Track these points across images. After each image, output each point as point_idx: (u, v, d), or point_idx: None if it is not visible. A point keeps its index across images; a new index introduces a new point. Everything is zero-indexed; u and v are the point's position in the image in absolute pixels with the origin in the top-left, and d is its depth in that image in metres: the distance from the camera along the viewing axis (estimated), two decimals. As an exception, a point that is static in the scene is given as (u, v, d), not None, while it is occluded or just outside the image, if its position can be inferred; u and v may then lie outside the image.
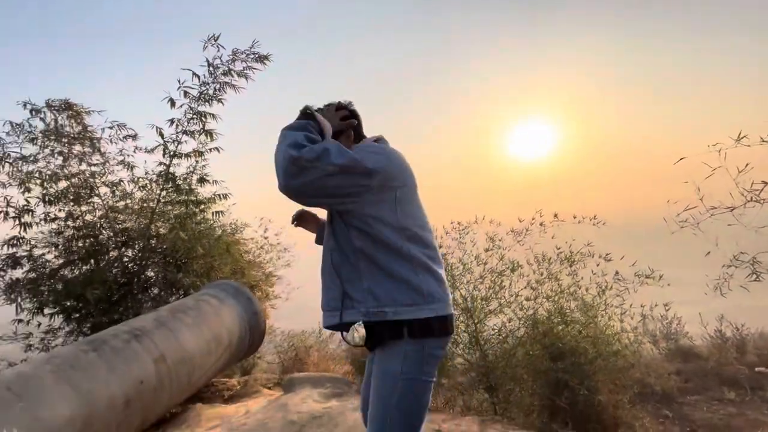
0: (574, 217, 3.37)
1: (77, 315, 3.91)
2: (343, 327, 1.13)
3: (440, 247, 3.68)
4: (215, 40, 3.91)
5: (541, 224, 3.44)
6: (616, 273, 3.07)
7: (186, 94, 3.92)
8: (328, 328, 1.17)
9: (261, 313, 3.44)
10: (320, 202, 1.12)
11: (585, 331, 2.99)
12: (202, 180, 4.23)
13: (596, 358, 2.75)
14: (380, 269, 1.09)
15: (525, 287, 3.33)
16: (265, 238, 5.65)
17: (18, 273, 3.88)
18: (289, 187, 1.02)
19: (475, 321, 3.33)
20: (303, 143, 1.04)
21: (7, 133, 3.95)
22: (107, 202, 4.30)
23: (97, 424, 2.07)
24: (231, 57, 3.95)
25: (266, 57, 4.11)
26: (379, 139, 1.28)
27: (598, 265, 3.17)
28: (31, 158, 4.04)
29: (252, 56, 4.00)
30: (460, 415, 2.34)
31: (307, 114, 1.18)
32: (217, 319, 3.03)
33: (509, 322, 3.26)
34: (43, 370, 2.04)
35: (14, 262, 3.85)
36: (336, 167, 1.01)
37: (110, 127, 4.34)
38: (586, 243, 3.22)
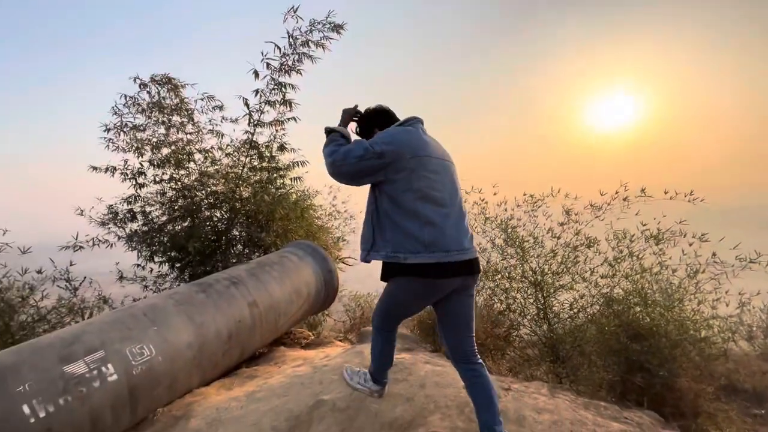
0: (665, 193, 3.09)
1: (179, 264, 4.53)
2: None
3: (511, 218, 3.62)
4: (294, 12, 4.05)
5: (624, 199, 3.21)
6: (713, 255, 2.80)
7: (268, 65, 4.16)
8: (363, 261, 1.65)
9: (335, 271, 3.72)
10: (359, 181, 1.61)
11: (668, 314, 2.81)
12: (281, 148, 4.54)
13: (681, 342, 2.59)
14: (397, 226, 1.52)
15: (601, 264, 3.18)
16: (333, 205, 5.96)
17: (134, 226, 4.57)
18: (336, 178, 1.62)
19: (544, 294, 3.28)
20: (334, 149, 1.59)
21: (124, 105, 4.55)
22: (200, 167, 4.80)
23: (208, 350, 2.46)
24: (309, 28, 4.09)
25: (341, 26, 4.18)
26: (405, 122, 1.69)
27: (690, 245, 2.91)
28: (142, 127, 4.62)
29: (328, 26, 4.10)
30: (526, 380, 2.39)
31: (329, 130, 1.71)
32: (298, 274, 3.34)
33: (581, 299, 3.16)
34: (168, 303, 2.45)
35: (132, 216, 4.53)
36: (357, 158, 1.52)
37: (201, 99, 4.78)
38: (679, 221, 2.96)
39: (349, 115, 1.81)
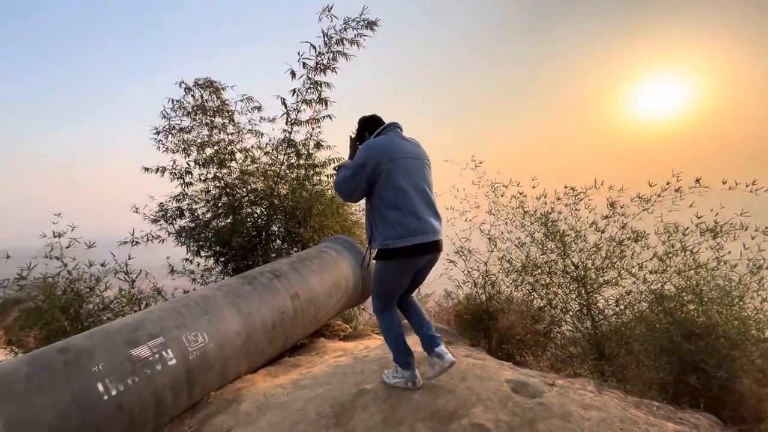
0: (724, 183, 2.88)
1: (223, 258, 4.77)
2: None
3: (551, 212, 3.51)
4: (329, 11, 4.12)
5: (677, 190, 3.03)
6: (780, 248, 2.58)
7: (304, 65, 4.26)
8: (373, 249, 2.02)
9: (371, 266, 3.77)
10: (360, 195, 1.99)
11: (727, 313, 2.63)
12: (318, 145, 4.65)
13: (742, 342, 2.42)
14: (386, 218, 1.90)
15: (650, 259, 3.02)
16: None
17: (182, 222, 4.86)
18: (348, 200, 2.40)
19: (588, 290, 3.17)
20: (336, 180, 2.01)
21: (171, 108, 4.83)
22: (241, 166, 5.02)
23: (255, 339, 2.59)
24: (343, 26, 4.14)
25: (374, 23, 4.20)
26: (383, 129, 2.07)
27: (753, 238, 2.70)
28: (187, 129, 4.89)
29: (362, 23, 4.14)
30: (571, 377, 2.33)
31: (337, 168, 2.09)
32: (336, 268, 3.43)
33: (627, 295, 3.02)
34: (218, 294, 2.60)
35: (180, 213, 4.82)
36: (350, 177, 1.92)
37: (241, 100, 4.98)
38: (740, 212, 2.75)
39: (352, 141, 2.22)
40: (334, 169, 2.22)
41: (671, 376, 2.56)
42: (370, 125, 2.14)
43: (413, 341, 2.08)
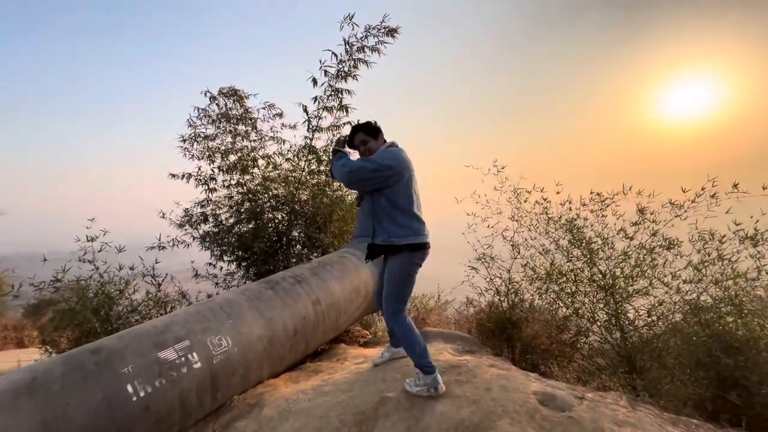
0: (764, 188, 2.74)
1: (245, 263, 4.85)
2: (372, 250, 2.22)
3: (576, 218, 3.41)
4: (350, 20, 4.17)
5: (712, 196, 2.89)
6: (828, 258, 2.42)
7: (326, 72, 4.32)
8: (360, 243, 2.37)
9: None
10: (369, 186, 2.13)
11: (769, 325, 2.48)
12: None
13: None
14: (393, 219, 2.12)
15: (684, 268, 2.89)
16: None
17: (206, 227, 4.98)
18: (351, 184, 2.30)
19: (616, 300, 3.05)
20: (346, 162, 2.14)
21: (197, 117, 4.98)
22: (263, 172, 5.11)
23: (277, 344, 2.60)
24: (364, 33, 4.18)
25: (395, 30, 4.22)
26: (391, 145, 2.26)
27: (797, 246, 2.55)
28: (212, 137, 5.03)
29: (383, 30, 4.17)
30: (601, 390, 2.24)
31: (335, 150, 2.28)
32: (357, 274, 3.43)
33: (659, 305, 2.89)
34: (241, 299, 2.63)
35: (204, 218, 4.94)
36: (372, 170, 2.06)
37: (263, 108, 5.09)
38: (783, 218, 2.60)
39: (340, 143, 2.42)
40: (334, 151, 2.29)
41: (709, 392, 2.43)
42: (375, 132, 2.33)
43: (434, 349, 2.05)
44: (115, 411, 1.79)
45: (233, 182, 5.01)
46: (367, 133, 2.31)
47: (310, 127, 4.60)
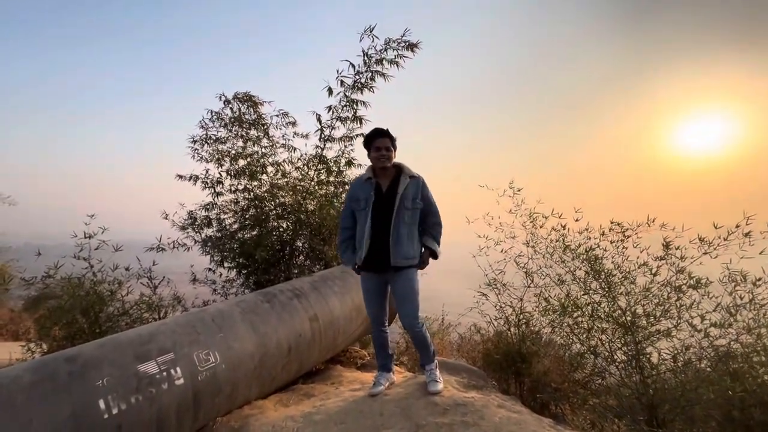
0: (806, 229, 2.53)
1: (245, 271, 4.70)
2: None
3: (595, 247, 3.21)
4: (371, 32, 4.12)
5: (746, 234, 2.69)
6: None
7: (342, 83, 4.25)
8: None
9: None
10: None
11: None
12: (349, 163, 4.58)
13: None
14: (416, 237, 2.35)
15: (713, 310, 2.67)
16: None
17: (209, 231, 4.86)
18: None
19: (636, 339, 2.82)
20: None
21: (210, 119, 4.93)
22: (271, 179, 5.01)
23: (269, 362, 2.42)
24: (384, 46, 4.12)
25: (415, 45, 4.16)
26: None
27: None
28: (223, 139, 4.96)
29: (403, 44, 4.10)
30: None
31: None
32: (359, 291, 3.24)
33: (686, 350, 2.66)
34: (235, 311, 2.47)
35: (208, 222, 4.83)
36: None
37: (276, 115, 5.03)
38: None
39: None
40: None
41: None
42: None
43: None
44: (83, 429, 1.61)
45: (240, 187, 4.91)
46: (393, 142, 2.32)
47: (323, 136, 4.51)
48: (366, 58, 4.16)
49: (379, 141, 2.24)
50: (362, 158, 4.67)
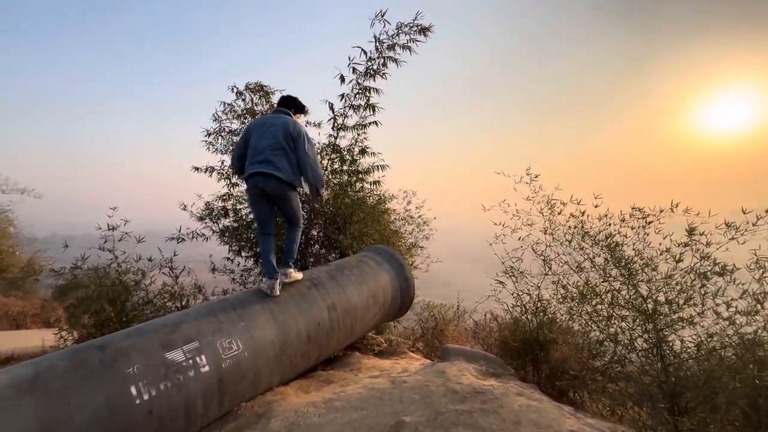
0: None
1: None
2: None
3: (615, 234, 3.14)
4: (382, 16, 4.03)
5: (776, 218, 2.58)
6: None
7: (354, 70, 4.20)
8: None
9: (411, 280, 3.59)
10: None
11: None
12: (363, 152, 4.56)
13: None
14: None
15: (740, 297, 2.59)
16: (407, 210, 5.85)
17: (226, 222, 4.94)
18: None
19: (657, 327, 2.77)
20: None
21: (223, 111, 4.96)
22: (285, 168, 5.02)
23: (289, 350, 2.48)
24: (396, 31, 4.04)
25: (428, 28, 4.06)
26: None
27: None
28: (236, 131, 4.99)
29: (415, 28, 4.01)
30: (643, 430, 2.00)
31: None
32: (375, 280, 3.27)
33: (711, 338, 2.60)
34: (255, 300, 2.52)
35: (225, 212, 4.90)
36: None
37: (289, 105, 5.00)
38: None
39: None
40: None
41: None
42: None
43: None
44: (117, 414, 1.69)
45: (255, 177, 4.95)
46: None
47: (335, 125, 4.49)
48: (378, 43, 4.08)
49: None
50: (376, 146, 4.65)
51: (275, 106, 3.18)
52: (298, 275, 2.89)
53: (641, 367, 2.74)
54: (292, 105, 3.11)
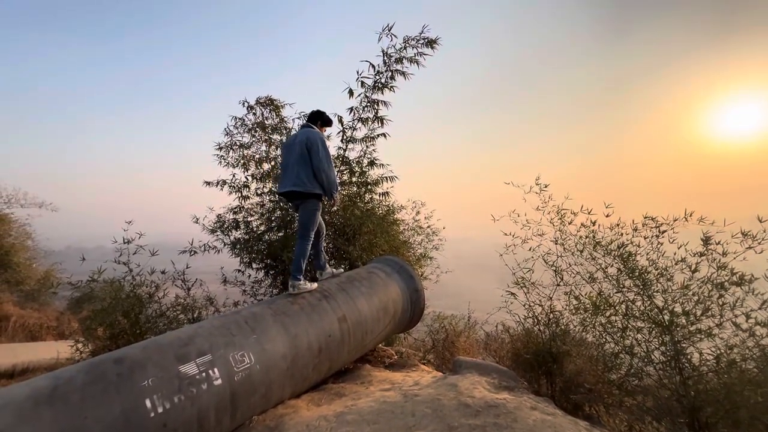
0: None
1: (273, 272, 4.82)
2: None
3: (628, 243, 3.11)
4: (389, 30, 4.12)
5: (795, 227, 2.53)
6: None
7: (363, 84, 4.27)
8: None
9: (422, 291, 3.58)
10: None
11: None
12: (371, 163, 4.60)
13: None
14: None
15: (759, 308, 2.53)
16: (416, 220, 5.85)
17: (237, 234, 5.00)
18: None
19: (675, 339, 2.71)
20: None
21: (234, 126, 5.07)
22: (295, 181, 5.08)
23: (300, 363, 2.48)
24: (403, 44, 4.11)
25: (434, 41, 4.13)
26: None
27: None
28: (247, 145, 5.09)
29: (422, 41, 4.08)
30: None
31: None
32: (385, 291, 3.27)
33: (731, 350, 2.53)
34: (267, 313, 2.54)
35: (236, 225, 4.97)
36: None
37: (298, 117, 5.10)
38: None
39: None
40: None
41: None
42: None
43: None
44: (132, 427, 1.71)
45: (266, 190, 5.03)
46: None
47: (345, 137, 4.56)
48: (385, 57, 4.16)
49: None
50: (384, 158, 4.70)
51: (305, 119, 3.52)
52: (311, 286, 2.95)
53: (659, 381, 2.68)
54: (318, 119, 3.36)
